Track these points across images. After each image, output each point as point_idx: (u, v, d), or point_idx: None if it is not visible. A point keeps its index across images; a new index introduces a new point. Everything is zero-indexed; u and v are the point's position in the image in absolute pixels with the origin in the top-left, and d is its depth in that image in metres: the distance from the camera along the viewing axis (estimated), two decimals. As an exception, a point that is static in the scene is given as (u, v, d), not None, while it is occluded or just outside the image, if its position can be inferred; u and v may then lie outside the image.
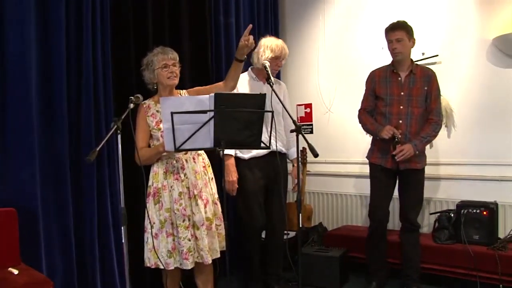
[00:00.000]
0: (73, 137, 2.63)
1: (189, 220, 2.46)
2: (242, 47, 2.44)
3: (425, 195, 3.07)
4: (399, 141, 2.80)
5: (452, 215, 3.16)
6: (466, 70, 3.36)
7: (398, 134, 2.80)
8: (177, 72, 2.53)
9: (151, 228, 2.45)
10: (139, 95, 2.28)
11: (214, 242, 2.55)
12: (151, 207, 2.49)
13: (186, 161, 2.52)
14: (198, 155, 2.59)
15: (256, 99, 2.18)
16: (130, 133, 2.28)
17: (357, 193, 3.92)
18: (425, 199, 3.38)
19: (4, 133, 2.37)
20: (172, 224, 2.47)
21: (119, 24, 2.91)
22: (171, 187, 2.48)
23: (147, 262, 2.50)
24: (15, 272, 2.14)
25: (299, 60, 4.33)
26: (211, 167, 2.68)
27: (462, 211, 3.06)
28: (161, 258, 2.44)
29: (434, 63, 3.45)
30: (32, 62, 2.40)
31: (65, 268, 2.55)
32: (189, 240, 2.44)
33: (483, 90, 3.28)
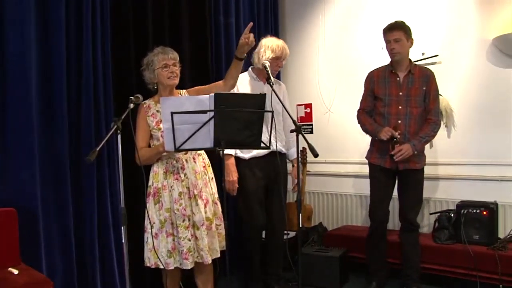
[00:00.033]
0: (73, 137, 2.63)
1: (189, 220, 2.46)
2: (243, 45, 2.44)
3: (425, 195, 3.07)
4: (398, 141, 2.80)
5: (452, 215, 3.16)
6: (466, 70, 3.36)
7: (397, 135, 2.80)
8: (178, 72, 2.53)
9: (151, 228, 2.45)
10: (139, 95, 2.28)
11: (214, 242, 2.55)
12: (151, 207, 2.49)
13: (186, 161, 2.52)
14: (198, 155, 2.59)
15: (256, 99, 2.18)
16: (130, 133, 2.28)
17: (357, 193, 3.92)
18: (425, 199, 3.39)
19: (4, 133, 2.37)
20: (172, 224, 2.47)
21: (119, 24, 2.91)
22: (171, 187, 2.48)
23: (147, 262, 2.50)
24: (15, 272, 2.14)
25: (299, 60, 4.32)
26: (211, 167, 2.68)
27: (462, 211, 3.06)
28: (161, 258, 2.44)
29: (434, 63, 3.46)
30: (32, 62, 2.40)
31: (65, 268, 2.55)
32: (189, 240, 2.44)
33: (483, 90, 3.28)
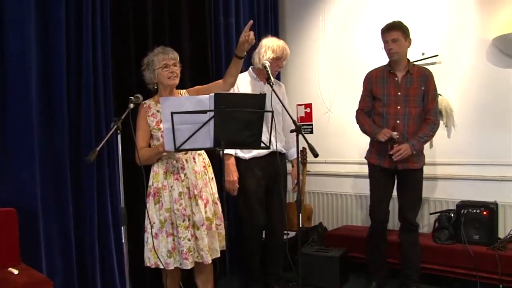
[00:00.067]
0: (73, 137, 2.63)
1: (189, 220, 2.46)
2: (243, 43, 2.44)
3: (425, 195, 3.07)
4: (397, 141, 2.81)
5: (452, 215, 3.16)
6: (466, 70, 3.36)
7: (395, 136, 2.80)
8: (178, 72, 2.53)
9: (151, 228, 2.45)
10: (139, 95, 2.29)
11: (214, 242, 2.56)
12: (151, 207, 2.49)
13: (186, 161, 2.52)
14: (199, 155, 2.59)
15: (256, 99, 2.18)
16: (130, 133, 2.28)
17: (357, 193, 3.92)
18: (425, 199, 3.39)
19: (4, 133, 2.36)
20: (172, 224, 2.47)
21: (119, 24, 2.91)
22: (171, 187, 2.48)
23: (147, 262, 2.50)
24: (15, 272, 2.14)
25: (299, 60, 4.32)
26: (211, 167, 2.68)
27: (462, 211, 3.06)
28: (161, 258, 2.44)
29: (434, 63, 3.46)
30: (32, 62, 2.39)
31: (65, 268, 2.55)
32: (189, 240, 2.44)
33: (483, 90, 3.28)
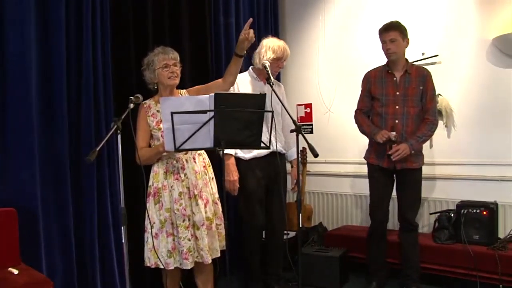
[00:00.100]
0: (73, 137, 2.63)
1: (189, 220, 2.46)
2: (242, 41, 2.43)
3: (425, 195, 3.07)
4: (396, 141, 2.81)
5: (452, 215, 3.16)
6: (466, 70, 3.36)
7: (393, 138, 2.80)
8: (178, 72, 2.53)
9: (151, 228, 2.46)
10: (139, 95, 2.29)
11: (214, 242, 2.56)
12: (151, 207, 2.49)
13: (187, 161, 2.52)
14: (199, 155, 2.59)
15: (256, 99, 2.18)
16: (130, 133, 2.29)
17: (357, 193, 3.92)
18: (425, 199, 3.39)
19: (4, 133, 2.36)
20: (172, 224, 2.47)
21: (119, 24, 2.91)
22: (171, 187, 2.48)
23: (147, 262, 2.50)
24: (15, 272, 2.14)
25: (299, 60, 4.32)
26: (212, 167, 2.68)
27: (462, 211, 3.06)
28: (161, 258, 2.44)
29: (434, 63, 3.46)
30: (32, 62, 2.39)
31: (65, 268, 2.55)
32: (189, 240, 2.44)
33: (483, 90, 3.28)
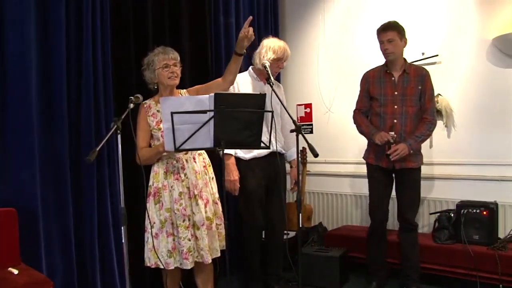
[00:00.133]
0: (73, 137, 2.63)
1: (189, 220, 2.46)
2: (242, 39, 2.43)
3: (425, 195, 3.07)
4: (395, 141, 2.81)
5: (452, 215, 3.16)
6: (466, 70, 3.36)
7: (392, 139, 2.80)
8: (178, 72, 2.53)
9: (151, 228, 2.46)
10: (139, 95, 2.29)
11: (214, 242, 2.56)
12: (152, 207, 2.49)
13: (187, 161, 2.52)
14: (199, 155, 2.59)
15: (256, 99, 2.18)
16: (130, 133, 2.29)
17: (357, 193, 3.92)
18: (425, 199, 3.39)
19: (4, 133, 2.36)
20: (172, 224, 2.47)
21: (119, 24, 2.91)
22: (172, 187, 2.48)
23: (147, 262, 2.50)
24: (15, 272, 2.14)
25: (299, 60, 4.32)
26: (212, 167, 2.68)
27: (462, 211, 3.06)
28: (161, 258, 2.44)
29: (434, 63, 3.46)
30: (32, 62, 2.39)
31: (65, 268, 2.55)
32: (189, 240, 2.44)
33: (483, 90, 3.28)
